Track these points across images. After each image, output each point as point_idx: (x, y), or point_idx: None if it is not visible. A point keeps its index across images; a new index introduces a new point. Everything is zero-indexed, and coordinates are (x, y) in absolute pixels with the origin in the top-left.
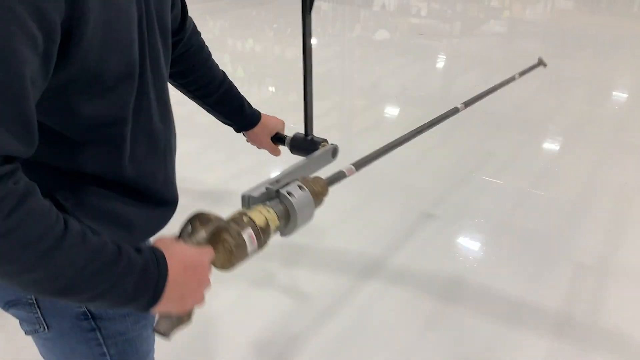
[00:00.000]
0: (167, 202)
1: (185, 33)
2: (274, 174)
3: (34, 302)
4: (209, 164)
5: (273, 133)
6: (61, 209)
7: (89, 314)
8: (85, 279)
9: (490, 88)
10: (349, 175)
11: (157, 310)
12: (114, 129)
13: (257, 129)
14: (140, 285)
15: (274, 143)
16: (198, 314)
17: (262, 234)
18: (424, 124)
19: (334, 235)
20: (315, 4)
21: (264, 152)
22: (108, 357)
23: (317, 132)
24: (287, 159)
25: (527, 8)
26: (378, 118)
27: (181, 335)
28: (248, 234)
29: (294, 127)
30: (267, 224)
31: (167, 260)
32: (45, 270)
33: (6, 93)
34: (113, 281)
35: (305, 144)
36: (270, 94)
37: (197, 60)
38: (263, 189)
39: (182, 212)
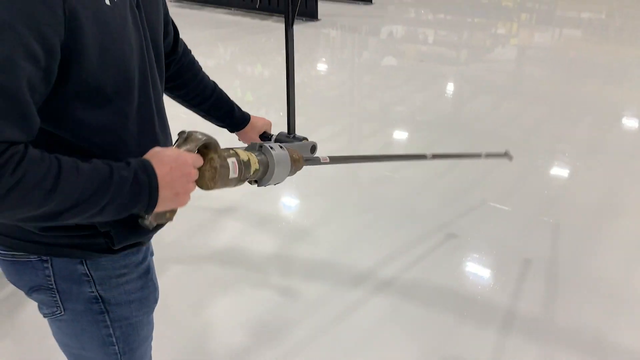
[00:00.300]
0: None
1: (178, 54)
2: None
3: (54, 287)
4: None
5: (261, 132)
6: None
7: (100, 299)
8: (88, 198)
9: (458, 154)
10: (322, 162)
11: (157, 210)
12: (115, 136)
13: (247, 128)
14: (135, 191)
15: (262, 141)
16: (196, 317)
17: (244, 167)
18: (393, 155)
19: (341, 253)
20: (324, 30)
21: None
22: (113, 339)
23: (324, 151)
24: None
25: (535, 35)
26: (387, 142)
27: (180, 339)
28: (232, 161)
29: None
30: (249, 162)
31: (154, 165)
32: (54, 201)
33: (7, 92)
34: (111, 193)
35: (288, 141)
36: (278, 117)
37: (190, 74)
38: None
39: (182, 215)
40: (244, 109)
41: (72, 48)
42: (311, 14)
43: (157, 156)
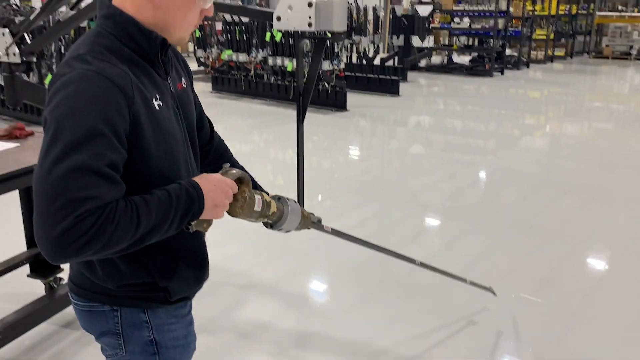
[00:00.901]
0: (205, 263)
1: (214, 142)
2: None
3: (121, 331)
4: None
5: None
6: None
7: (154, 342)
8: (160, 220)
9: (444, 271)
10: (325, 230)
11: (201, 217)
12: None
13: None
14: (188, 202)
15: None
16: None
17: (266, 207)
18: (388, 250)
19: (364, 339)
20: (353, 119)
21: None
22: None
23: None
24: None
25: (564, 126)
26: (418, 229)
27: None
28: (258, 198)
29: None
30: (270, 203)
31: (200, 183)
32: (140, 230)
33: (99, 171)
34: (174, 210)
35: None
36: (307, 200)
37: (225, 160)
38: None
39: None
40: (275, 192)
41: (134, 139)
42: (340, 105)
43: (204, 177)
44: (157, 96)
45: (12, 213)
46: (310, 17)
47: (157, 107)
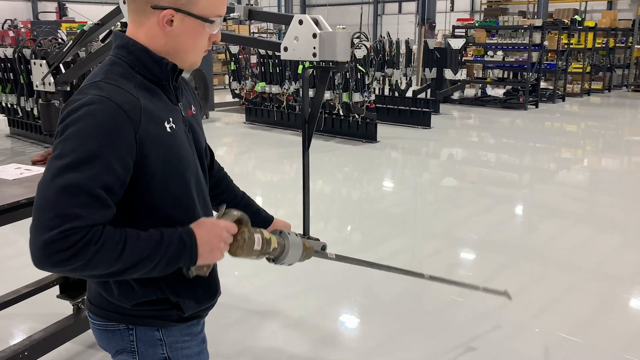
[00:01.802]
0: (216, 289)
1: (214, 170)
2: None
3: (136, 349)
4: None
5: None
6: None
7: (168, 359)
8: (145, 257)
9: (455, 281)
10: (329, 257)
11: (198, 264)
12: (182, 216)
13: (270, 227)
14: (180, 249)
15: None
16: None
17: (266, 244)
18: (393, 267)
19: None
20: (384, 151)
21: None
22: None
23: (388, 273)
24: None
25: (602, 160)
26: (451, 263)
27: None
28: (257, 237)
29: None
30: (270, 240)
31: (195, 231)
32: (121, 261)
33: (92, 193)
34: (162, 252)
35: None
36: (336, 232)
37: (224, 186)
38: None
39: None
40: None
41: (140, 161)
42: (371, 137)
43: (198, 223)
44: (170, 119)
45: None
46: (314, 48)
47: (169, 130)
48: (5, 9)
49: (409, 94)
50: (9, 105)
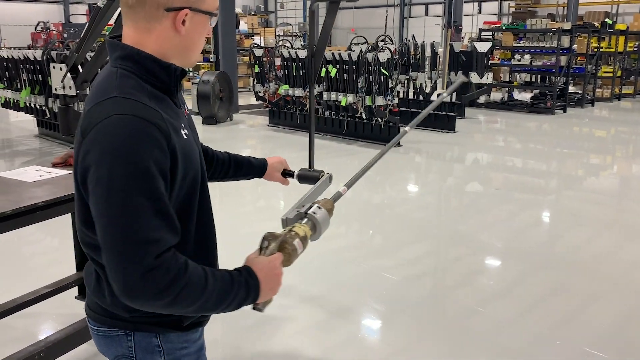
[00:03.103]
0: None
1: (208, 155)
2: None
3: (134, 356)
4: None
5: (279, 169)
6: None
7: None
8: (222, 298)
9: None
10: (343, 194)
11: (260, 300)
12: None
13: (269, 170)
14: (246, 292)
15: (285, 177)
16: None
17: (304, 241)
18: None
19: None
20: (408, 155)
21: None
22: None
23: (409, 279)
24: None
25: (632, 166)
26: (475, 269)
27: None
28: (297, 242)
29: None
30: (305, 235)
31: (256, 273)
32: (202, 299)
33: (164, 212)
34: (234, 293)
35: (309, 174)
36: (357, 235)
37: (214, 161)
38: (295, 212)
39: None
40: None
41: (172, 169)
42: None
43: (256, 265)
44: (183, 125)
45: (63, 236)
46: None
47: (185, 137)
48: (39, 12)
49: (434, 97)
50: (38, 107)
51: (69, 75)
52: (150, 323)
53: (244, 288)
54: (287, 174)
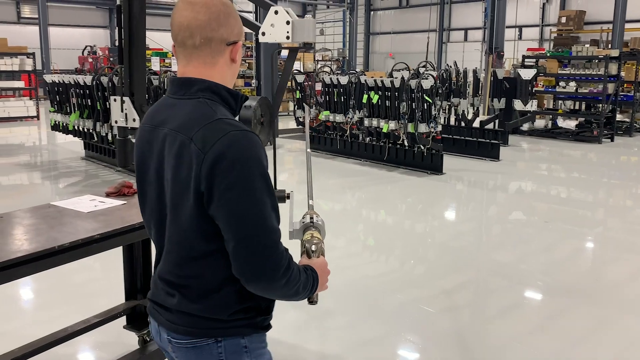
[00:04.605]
0: None
1: None
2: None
3: None
4: None
5: None
6: None
7: None
8: (303, 287)
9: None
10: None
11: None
12: None
13: None
14: (312, 284)
15: None
16: None
17: (322, 242)
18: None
19: None
20: (449, 183)
21: None
22: None
23: (446, 310)
24: None
25: None
26: (516, 302)
27: None
28: (322, 244)
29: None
30: (320, 237)
31: (317, 270)
32: (295, 287)
33: (275, 203)
34: (309, 285)
35: (279, 194)
36: (398, 264)
37: None
38: (299, 225)
39: None
40: (366, 252)
41: None
42: (436, 168)
43: (315, 264)
44: None
45: (113, 266)
46: (288, 32)
47: None
48: (86, 36)
49: (476, 124)
50: (86, 130)
51: (131, 106)
52: (241, 325)
53: (311, 280)
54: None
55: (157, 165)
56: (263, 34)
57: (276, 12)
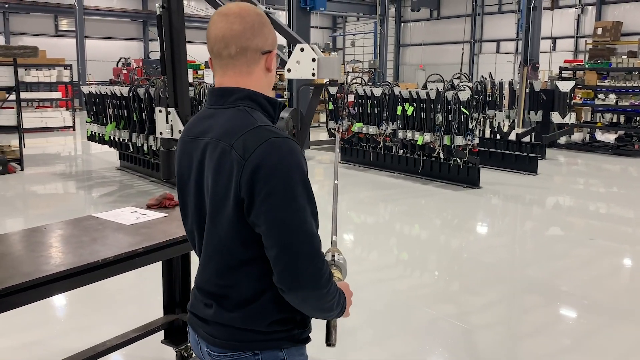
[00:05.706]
0: None
1: None
2: None
3: None
4: None
5: None
6: None
7: None
8: (337, 304)
9: None
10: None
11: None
12: None
13: None
14: (344, 304)
15: None
16: None
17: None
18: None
19: None
20: (486, 196)
21: None
22: None
23: (480, 327)
24: None
25: None
26: (551, 320)
27: None
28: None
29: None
30: (340, 277)
31: (344, 292)
32: (333, 302)
33: (315, 210)
34: (341, 304)
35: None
36: (431, 279)
37: None
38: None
39: None
40: (399, 266)
41: None
42: (473, 182)
43: (343, 288)
44: None
45: (147, 275)
46: (314, 69)
47: None
48: (120, 48)
49: (512, 137)
50: (121, 140)
51: (177, 117)
52: (280, 339)
53: (343, 300)
54: None
55: (197, 176)
56: (289, 70)
57: (302, 50)
